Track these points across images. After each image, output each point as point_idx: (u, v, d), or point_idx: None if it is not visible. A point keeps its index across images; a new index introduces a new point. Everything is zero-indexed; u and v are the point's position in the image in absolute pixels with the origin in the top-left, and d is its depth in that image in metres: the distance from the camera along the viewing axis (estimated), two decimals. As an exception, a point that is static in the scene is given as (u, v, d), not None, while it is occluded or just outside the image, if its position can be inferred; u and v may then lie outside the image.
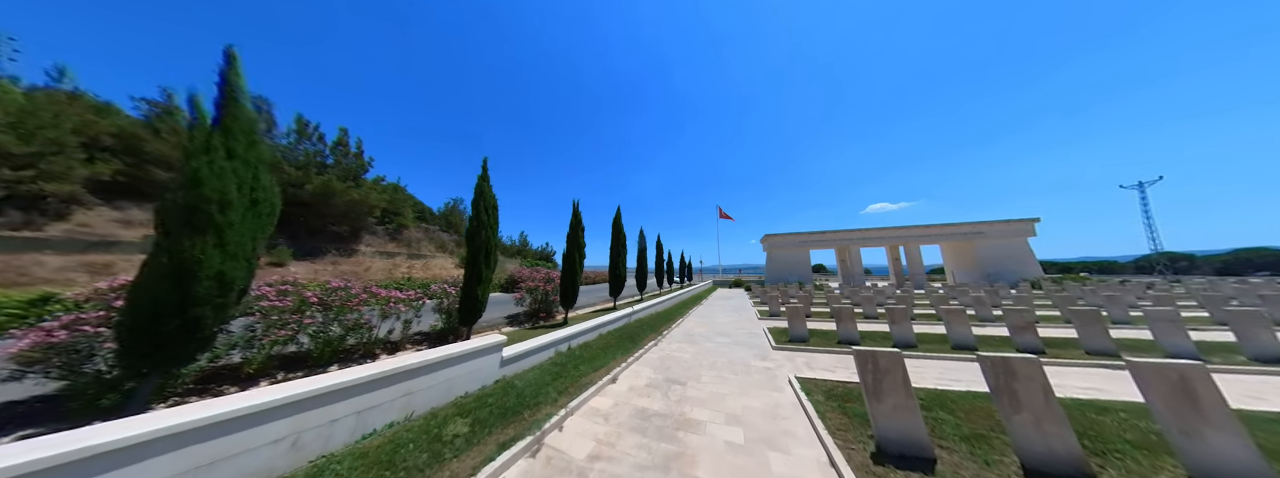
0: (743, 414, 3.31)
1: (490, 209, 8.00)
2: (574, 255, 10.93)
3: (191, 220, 3.26)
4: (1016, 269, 26.37)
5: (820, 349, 6.08)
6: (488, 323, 10.54)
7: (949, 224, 28.41)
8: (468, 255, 7.67)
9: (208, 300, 3.29)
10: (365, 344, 6.44)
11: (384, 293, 7.21)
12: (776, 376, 4.67)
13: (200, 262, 3.16)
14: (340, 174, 19.22)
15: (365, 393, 2.99)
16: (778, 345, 6.44)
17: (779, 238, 32.81)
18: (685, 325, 9.59)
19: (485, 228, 7.75)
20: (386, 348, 7.02)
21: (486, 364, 4.29)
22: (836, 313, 6.75)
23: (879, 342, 6.55)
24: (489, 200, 7.99)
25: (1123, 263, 66.89)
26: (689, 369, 5.06)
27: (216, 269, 3.31)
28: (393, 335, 7.14)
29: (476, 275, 7.52)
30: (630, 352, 5.95)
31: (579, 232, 11.26)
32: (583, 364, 5.00)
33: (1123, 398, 3.55)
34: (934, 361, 5.49)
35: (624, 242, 14.94)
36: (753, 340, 7.21)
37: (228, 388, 4.39)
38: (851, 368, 5.09)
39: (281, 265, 16.43)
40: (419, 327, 7.92)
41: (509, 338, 7.62)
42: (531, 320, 11.34)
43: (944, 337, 6.66)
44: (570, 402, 3.59)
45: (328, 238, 20.43)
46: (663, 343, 7.13)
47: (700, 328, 9.09)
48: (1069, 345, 5.99)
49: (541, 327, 10.02)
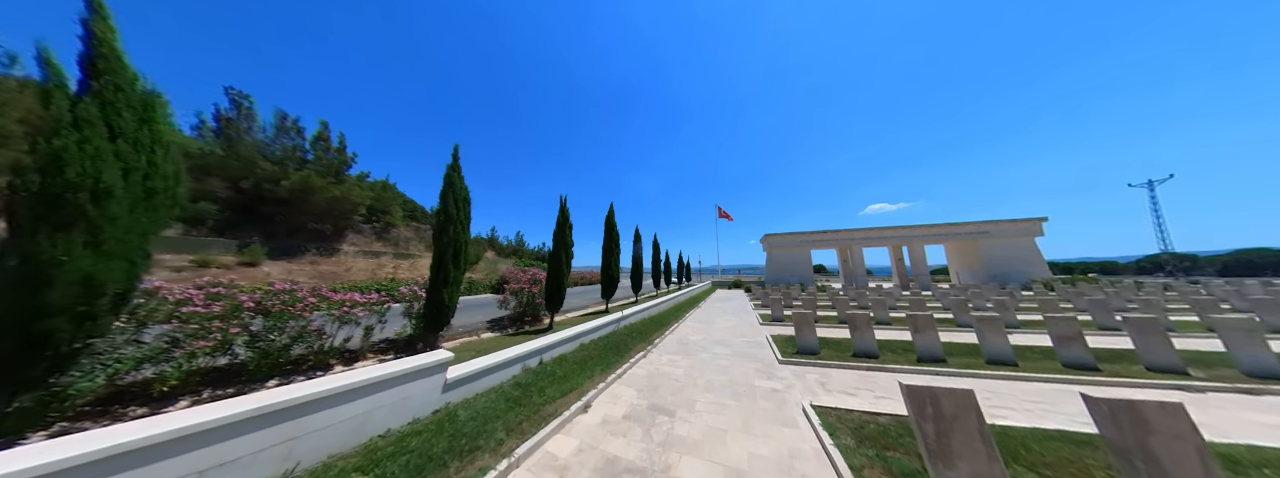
0: (748, 470, 2.43)
1: (461, 202, 7.12)
2: (560, 254, 10.05)
3: (51, 214, 2.58)
4: (1023, 270, 25.60)
5: (835, 364, 5.21)
6: (465, 328, 9.66)
7: (954, 223, 27.63)
8: (434, 255, 6.79)
9: (65, 310, 2.60)
10: (317, 354, 5.59)
11: (339, 296, 6.34)
12: (786, 402, 3.81)
13: (59, 264, 2.51)
14: (320, 170, 18.29)
15: (216, 442, 2.11)
16: (785, 359, 5.56)
17: (779, 238, 31.98)
18: (680, 332, 8.71)
19: (455, 223, 6.87)
20: (344, 358, 6.20)
21: (422, 390, 3.40)
22: (850, 321, 5.88)
23: (899, 354, 5.68)
24: (459, 192, 7.11)
25: (1123, 263, 66.27)
26: (680, 391, 4.18)
27: (85, 272, 2.60)
28: (352, 344, 6.30)
29: (444, 277, 6.63)
30: (613, 367, 5.07)
31: (566, 229, 10.38)
32: (552, 385, 4.12)
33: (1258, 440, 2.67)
34: (972, 380, 4.63)
35: (617, 240, 14.05)
36: (755, 351, 6.34)
37: (134, 410, 3.59)
38: (875, 390, 4.22)
39: (254, 265, 15.49)
40: (385, 333, 7.09)
41: (478, 349, 6.74)
42: (516, 325, 10.45)
43: (973, 348, 5.81)
44: (518, 447, 2.70)
45: (309, 236, 19.48)
46: (653, 354, 6.25)
47: (696, 335, 8.22)
48: (1122, 359, 5.13)
49: (525, 332, 9.15)
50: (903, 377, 4.73)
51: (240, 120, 16.14)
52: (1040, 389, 4.22)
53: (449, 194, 6.95)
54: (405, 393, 3.33)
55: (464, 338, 8.81)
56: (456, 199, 7.01)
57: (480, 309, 12.68)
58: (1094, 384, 4.38)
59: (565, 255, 10.10)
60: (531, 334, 8.52)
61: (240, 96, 15.92)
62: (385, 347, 7.30)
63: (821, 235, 30.87)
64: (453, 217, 6.87)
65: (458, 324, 10.07)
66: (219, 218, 16.57)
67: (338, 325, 6.07)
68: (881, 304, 9.67)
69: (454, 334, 8.69)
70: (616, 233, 13.99)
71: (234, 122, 16.14)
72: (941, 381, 4.56)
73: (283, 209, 18.20)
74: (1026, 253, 25.90)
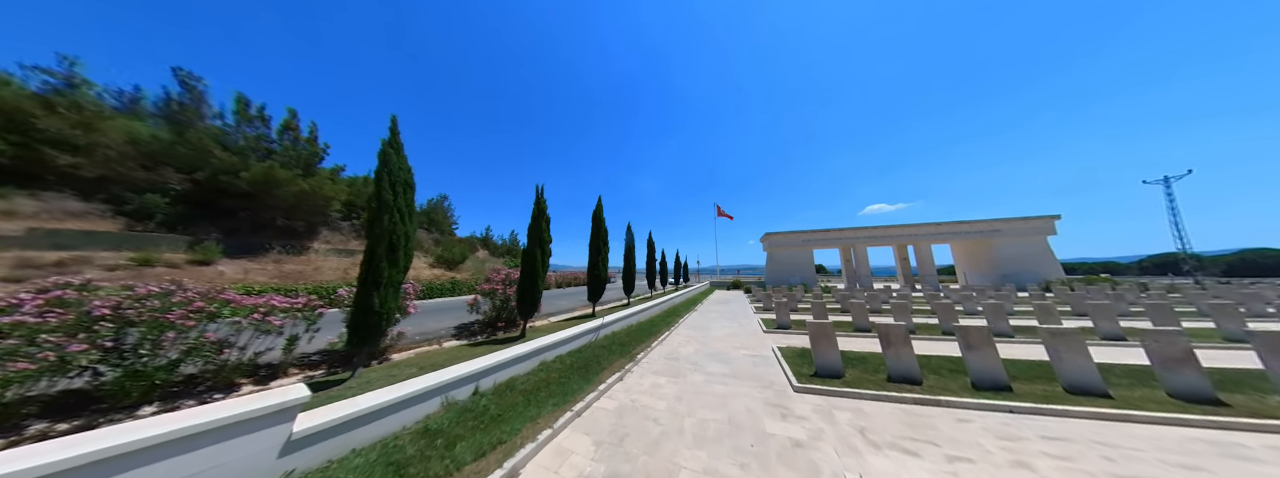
0: None
1: (401, 187, 5.80)
2: (535, 252, 8.73)
3: None
4: (1035, 270, 24.45)
5: (869, 395, 3.91)
6: (426, 336, 8.37)
7: (963, 221, 26.47)
8: (366, 250, 5.48)
9: None
10: (219, 372, 4.49)
11: (251, 300, 5.06)
12: (816, 462, 2.54)
13: None
14: (288, 162, 16.88)
15: None
16: (801, 384, 4.27)
17: (780, 236, 30.75)
18: (671, 342, 7.42)
19: (391, 212, 5.55)
20: (258, 376, 5.00)
21: (247, 453, 2.11)
22: (884, 335, 4.59)
23: (943, 375, 4.41)
24: (398, 174, 5.78)
25: (1125, 263, 65.45)
26: (657, 446, 2.88)
27: None
28: (271, 358, 5.12)
29: (375, 277, 5.33)
30: (574, 397, 3.79)
31: (542, 222, 9.07)
32: (473, 434, 2.84)
33: None
34: (1063, 421, 3.37)
35: (606, 238, 12.74)
36: (761, 371, 5.05)
37: None
38: (937, 440, 2.94)
39: (207, 264, 14.11)
40: (319, 344, 5.90)
41: (422, 364, 5.43)
42: (488, 331, 9.14)
43: (1034, 367, 4.54)
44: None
45: (276, 233, 18.08)
46: (633, 375, 4.96)
47: (689, 346, 6.92)
48: (1248, 386, 3.88)
49: (495, 341, 7.84)
50: (966, 416, 3.46)
51: (192, 104, 14.67)
52: (1166, 438, 2.97)
53: (384, 176, 5.63)
54: (216, 458, 2.04)
55: (422, 347, 7.50)
56: (394, 182, 5.69)
57: (453, 313, 11.38)
58: (1241, 428, 3.13)
59: (541, 252, 8.79)
60: (501, 343, 7.23)
61: (191, 78, 14.49)
62: (318, 360, 6.04)
63: (824, 234, 29.66)
64: (388, 204, 5.55)
65: (418, 331, 8.78)
66: (170, 212, 15.16)
67: (255, 335, 4.82)
68: (903, 309, 8.41)
69: (409, 344, 7.39)
70: (605, 230, 12.67)
71: (188, 106, 14.67)
72: (1023, 424, 3.29)
73: (245, 204, 16.81)
74: (1039, 252, 24.76)
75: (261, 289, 11.92)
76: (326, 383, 4.80)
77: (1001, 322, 7.62)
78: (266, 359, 5.21)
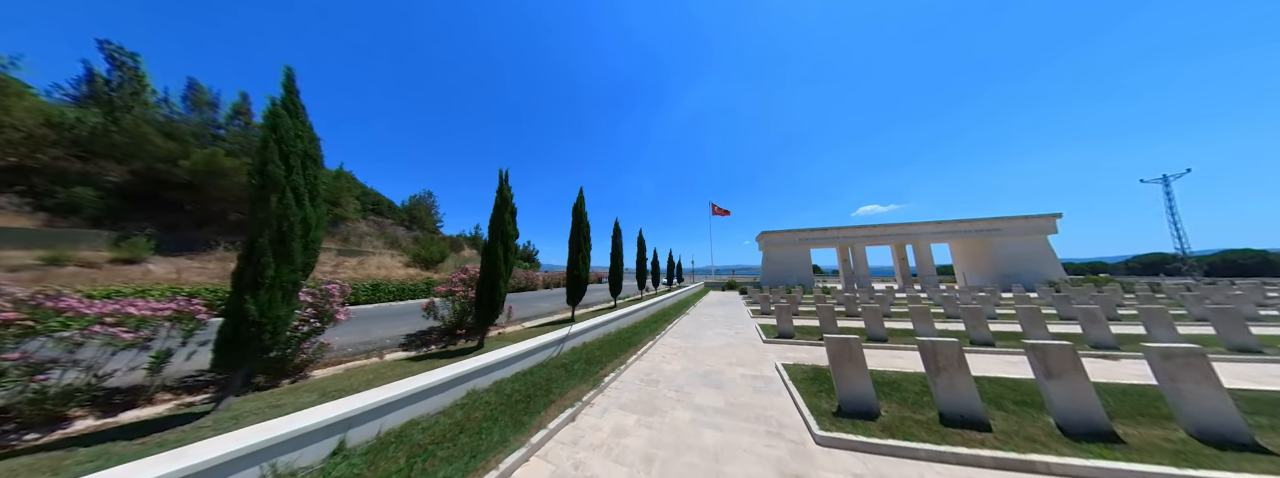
0: None
1: (299, 159, 4.39)
2: (496, 248, 7.34)
3: None
4: (1036, 270, 23.80)
5: (926, 450, 2.70)
6: (365, 346, 6.98)
7: (963, 220, 25.73)
8: (245, 242, 4.10)
9: None
10: (38, 403, 3.13)
11: (95, 308, 3.68)
12: None
13: None
14: (236, 149, 15.22)
15: None
16: (826, 431, 3.04)
17: (777, 235, 29.73)
18: (653, 357, 6.15)
19: (282, 191, 4.19)
20: (107, 404, 3.68)
21: None
22: (931, 356, 3.37)
23: (1007, 408, 3.23)
24: (294, 144, 4.36)
25: (1112, 263, 66.04)
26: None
27: None
28: (136, 379, 3.79)
29: (254, 276, 3.97)
30: (489, 460, 2.51)
31: (506, 213, 7.68)
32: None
33: None
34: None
35: (587, 233, 11.38)
36: (765, 402, 3.82)
37: None
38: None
39: (134, 262, 12.45)
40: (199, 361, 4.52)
41: (324, 389, 4.13)
42: (445, 340, 7.74)
43: (1143, 402, 3.40)
44: None
45: (225, 229, 16.40)
46: (589, 414, 3.64)
47: (674, 362, 5.66)
48: None
49: (447, 353, 6.44)
50: None
51: (125, 85, 12.95)
52: None
53: (273, 145, 4.23)
54: None
55: (358, 360, 6.11)
56: (287, 153, 4.29)
57: (393, 319, 9.95)
58: None
59: (504, 249, 7.41)
60: (454, 355, 5.86)
61: (121, 54, 12.77)
62: (202, 382, 4.64)
63: (822, 233, 28.71)
64: (278, 180, 4.14)
65: (362, 342, 7.40)
66: (99, 205, 13.45)
67: (110, 352, 3.59)
68: (922, 315, 7.26)
69: (340, 357, 6.02)
70: (587, 225, 11.30)
71: (123, 86, 12.94)
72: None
73: (190, 196, 15.14)
74: (1039, 252, 24.11)
75: (192, 291, 10.38)
76: (172, 420, 3.46)
77: (1038, 329, 6.52)
78: (131, 381, 3.87)
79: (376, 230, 27.25)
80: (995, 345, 6.39)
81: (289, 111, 4.49)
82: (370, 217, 28.20)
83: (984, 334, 6.71)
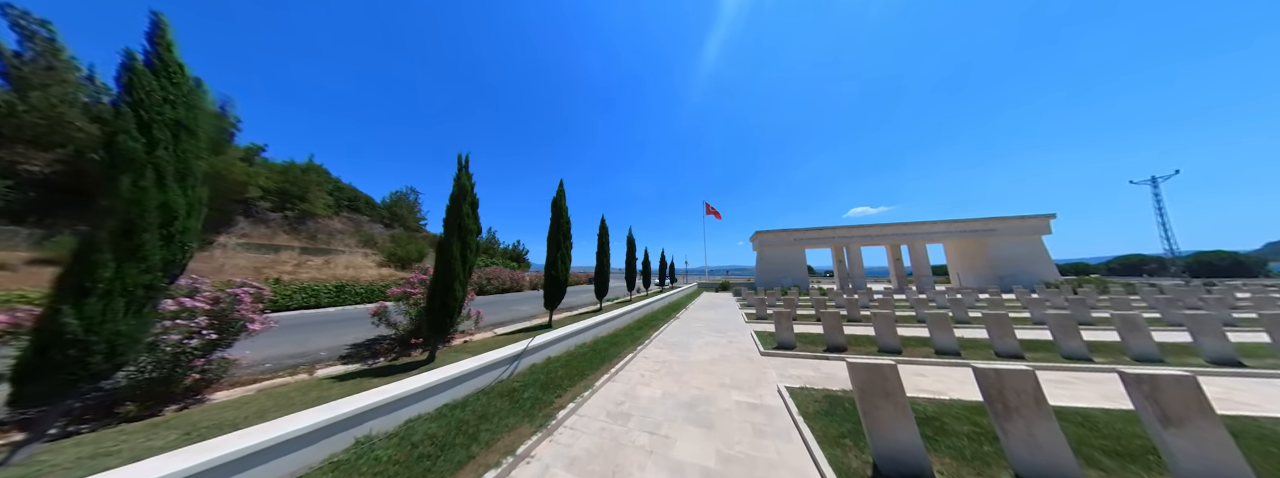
0: None
1: (168, 129, 3.28)
2: (452, 245, 6.24)
3: None
4: (1031, 270, 23.49)
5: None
6: (295, 360, 5.89)
7: (959, 220, 25.33)
8: (82, 238, 2.99)
9: None
10: None
11: None
12: None
13: None
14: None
15: None
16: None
17: (771, 235, 29.03)
18: (629, 375, 5.13)
19: (139, 169, 3.07)
20: None
21: None
22: (997, 394, 2.46)
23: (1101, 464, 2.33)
24: (160, 110, 3.26)
25: (1094, 264, 67.15)
26: None
27: None
28: None
29: (86, 279, 2.86)
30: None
31: (465, 206, 6.56)
32: None
33: None
34: None
35: (567, 230, 10.32)
36: (771, 455, 2.85)
37: None
38: None
39: (57, 263, 10.97)
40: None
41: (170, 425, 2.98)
42: (397, 351, 6.57)
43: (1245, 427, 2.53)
44: None
45: (172, 226, 14.90)
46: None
47: (654, 385, 4.65)
48: None
49: (393, 368, 5.32)
50: None
51: (37, 59, 11.35)
52: None
53: (128, 110, 3.12)
54: None
55: (277, 378, 5.01)
56: (149, 121, 3.18)
57: (341, 326, 8.79)
58: None
59: (458, 246, 6.32)
60: (397, 372, 4.76)
61: (27, 19, 11.04)
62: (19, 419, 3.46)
63: (817, 233, 28.10)
64: (133, 156, 3.04)
65: (296, 353, 6.27)
66: (19, 199, 11.92)
67: None
68: (940, 322, 6.40)
69: (254, 374, 4.90)
70: (567, 221, 10.23)
71: (35, 60, 11.27)
72: None
73: (128, 188, 13.61)
74: (1034, 252, 23.82)
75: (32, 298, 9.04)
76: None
77: (1071, 339, 5.70)
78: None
79: (351, 228, 25.73)
80: (1026, 359, 5.56)
81: (160, 73, 3.36)
82: (344, 213, 26.63)
83: (1011, 345, 5.88)
